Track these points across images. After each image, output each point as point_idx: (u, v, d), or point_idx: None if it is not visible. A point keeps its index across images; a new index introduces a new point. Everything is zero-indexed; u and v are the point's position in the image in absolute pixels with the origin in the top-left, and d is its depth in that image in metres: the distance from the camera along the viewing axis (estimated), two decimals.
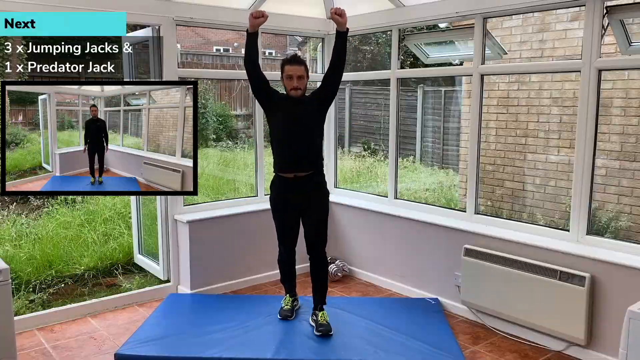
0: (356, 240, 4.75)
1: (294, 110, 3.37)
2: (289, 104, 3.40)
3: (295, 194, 3.43)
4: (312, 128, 3.42)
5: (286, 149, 3.40)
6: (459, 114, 7.38)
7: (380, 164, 8.40)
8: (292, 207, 3.48)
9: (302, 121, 3.38)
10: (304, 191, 3.42)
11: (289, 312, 3.67)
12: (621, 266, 3.09)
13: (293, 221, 3.53)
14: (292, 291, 3.77)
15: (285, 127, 3.38)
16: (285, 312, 3.67)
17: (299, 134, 3.37)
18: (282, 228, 3.57)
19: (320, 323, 3.47)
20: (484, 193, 5.98)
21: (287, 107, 3.40)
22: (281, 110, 3.41)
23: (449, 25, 5.05)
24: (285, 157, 3.42)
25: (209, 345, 3.29)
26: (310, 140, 3.40)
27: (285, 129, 3.39)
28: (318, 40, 5.14)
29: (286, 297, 3.76)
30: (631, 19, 3.92)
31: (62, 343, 3.50)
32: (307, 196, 3.43)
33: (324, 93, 3.44)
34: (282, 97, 3.47)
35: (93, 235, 5.31)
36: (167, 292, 4.23)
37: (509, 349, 3.43)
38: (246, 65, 3.41)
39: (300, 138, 3.37)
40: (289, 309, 3.69)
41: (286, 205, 3.48)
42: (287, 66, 3.38)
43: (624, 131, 4.97)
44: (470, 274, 3.75)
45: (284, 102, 3.43)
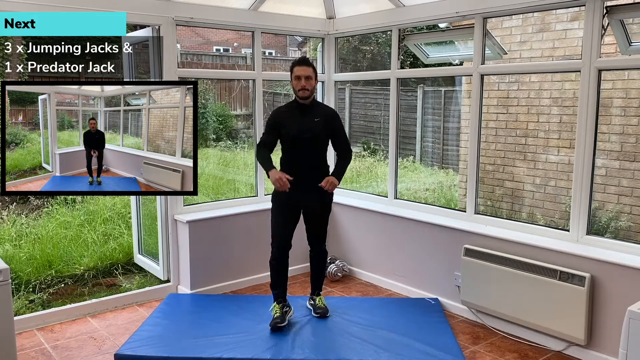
0: (356, 240, 4.75)
1: (301, 119, 3.50)
2: (297, 114, 3.52)
3: (304, 196, 3.53)
4: (319, 134, 3.53)
5: (294, 153, 3.53)
6: (459, 114, 7.38)
7: (380, 164, 8.41)
8: (296, 205, 3.57)
9: (310, 129, 3.50)
10: (313, 193, 3.53)
11: (279, 320, 3.51)
12: (621, 266, 3.09)
13: (294, 219, 3.60)
14: (281, 297, 3.62)
15: (294, 134, 3.50)
16: (275, 322, 3.50)
17: (306, 141, 3.50)
18: (281, 224, 3.56)
19: (318, 306, 3.75)
20: (483, 193, 5.98)
21: (294, 116, 3.52)
22: (289, 121, 3.52)
23: (449, 25, 5.05)
24: (293, 162, 3.54)
25: (208, 345, 3.29)
26: (316, 146, 3.54)
27: (293, 136, 3.50)
28: (318, 40, 5.14)
29: (274, 305, 3.60)
30: (631, 19, 3.92)
31: (62, 343, 3.50)
32: (313, 195, 3.54)
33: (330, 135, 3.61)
34: (288, 109, 3.59)
35: (93, 235, 5.31)
36: (167, 292, 4.23)
37: (509, 349, 3.43)
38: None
39: (306, 144, 3.50)
40: (279, 315, 3.53)
41: (290, 202, 3.54)
42: (296, 67, 3.48)
43: (624, 131, 4.97)
44: (470, 274, 3.75)
45: (291, 114, 3.54)
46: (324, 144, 3.60)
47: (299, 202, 3.55)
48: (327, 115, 3.59)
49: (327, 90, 5.02)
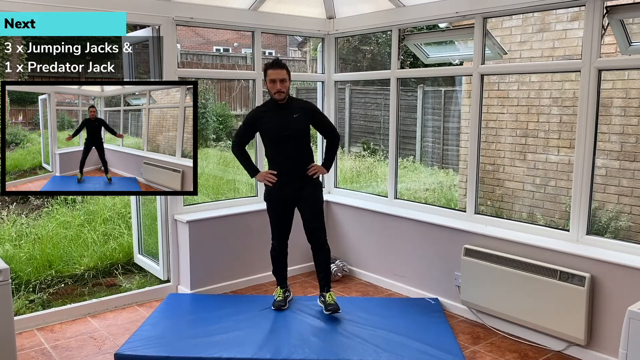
0: (356, 240, 4.75)
1: (280, 118, 3.59)
2: (275, 111, 3.61)
3: (289, 188, 3.64)
4: (299, 130, 3.62)
5: (277, 151, 3.64)
6: (459, 114, 7.38)
7: (380, 164, 8.40)
8: (286, 200, 3.69)
9: (289, 126, 3.58)
10: (297, 185, 3.65)
11: (282, 303, 3.82)
12: (621, 266, 3.09)
13: (287, 214, 3.75)
14: (283, 282, 3.91)
15: (275, 133, 3.60)
16: (278, 303, 3.81)
17: (287, 138, 3.59)
18: (277, 221, 3.77)
19: (329, 303, 3.71)
20: (484, 193, 5.98)
21: (273, 116, 3.61)
22: (269, 121, 3.61)
23: (449, 25, 5.05)
24: (277, 159, 3.66)
25: (208, 345, 3.29)
26: (298, 141, 3.62)
27: (274, 135, 3.61)
28: (318, 40, 5.14)
29: (277, 289, 3.90)
30: (631, 19, 3.92)
31: (62, 343, 3.50)
32: (300, 189, 3.66)
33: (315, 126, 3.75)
34: (267, 109, 3.68)
35: (93, 235, 5.31)
36: (167, 292, 4.23)
37: (509, 349, 3.43)
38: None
39: (288, 141, 3.59)
40: (281, 299, 3.84)
41: (280, 199, 3.69)
42: (270, 70, 3.56)
43: (624, 131, 4.97)
44: (470, 274, 3.75)
45: (270, 112, 3.64)
46: (305, 137, 3.69)
47: (289, 196, 3.67)
48: (306, 110, 3.67)
49: (327, 90, 5.02)
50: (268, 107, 3.68)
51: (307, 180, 3.66)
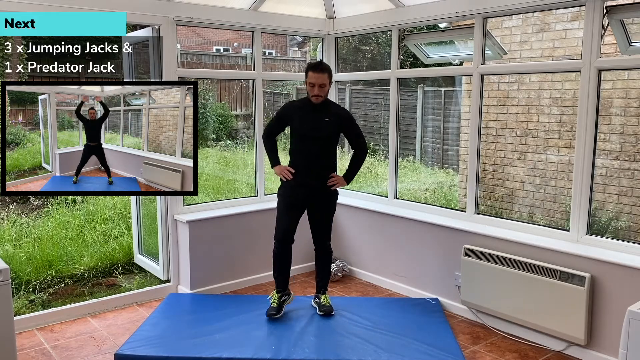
0: (356, 240, 4.75)
1: (311, 117, 3.54)
2: (308, 110, 3.56)
3: (301, 190, 3.59)
4: (327, 134, 3.57)
5: (300, 150, 3.59)
6: (459, 114, 7.38)
7: (380, 164, 8.40)
8: (302, 203, 3.64)
9: (318, 128, 3.53)
10: (310, 190, 3.60)
11: (274, 311, 3.63)
12: (621, 266, 3.09)
13: (297, 215, 3.67)
14: (282, 285, 3.72)
15: (302, 132, 3.56)
16: (271, 312, 3.64)
17: (313, 139, 3.54)
18: (284, 221, 3.62)
19: (323, 304, 3.73)
20: (484, 193, 5.98)
21: (305, 114, 3.56)
22: (299, 118, 3.57)
23: (449, 25, 5.05)
24: (298, 157, 3.61)
25: (208, 345, 3.29)
26: (323, 144, 3.58)
27: (301, 134, 3.57)
28: (318, 40, 5.13)
29: (273, 293, 3.73)
30: (631, 19, 3.92)
31: (62, 343, 3.50)
32: (312, 195, 3.62)
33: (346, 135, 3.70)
34: (301, 105, 3.62)
35: (93, 235, 5.31)
36: (167, 292, 4.23)
37: (509, 349, 3.43)
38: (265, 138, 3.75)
39: (313, 142, 3.55)
40: (276, 305, 3.66)
41: (297, 200, 3.62)
42: (311, 73, 3.47)
43: (624, 131, 4.97)
44: (470, 274, 3.75)
45: (302, 110, 3.58)
46: (332, 143, 3.64)
47: (304, 198, 3.62)
48: (340, 117, 3.61)
49: None
50: (303, 103, 3.62)
51: (326, 188, 3.62)
